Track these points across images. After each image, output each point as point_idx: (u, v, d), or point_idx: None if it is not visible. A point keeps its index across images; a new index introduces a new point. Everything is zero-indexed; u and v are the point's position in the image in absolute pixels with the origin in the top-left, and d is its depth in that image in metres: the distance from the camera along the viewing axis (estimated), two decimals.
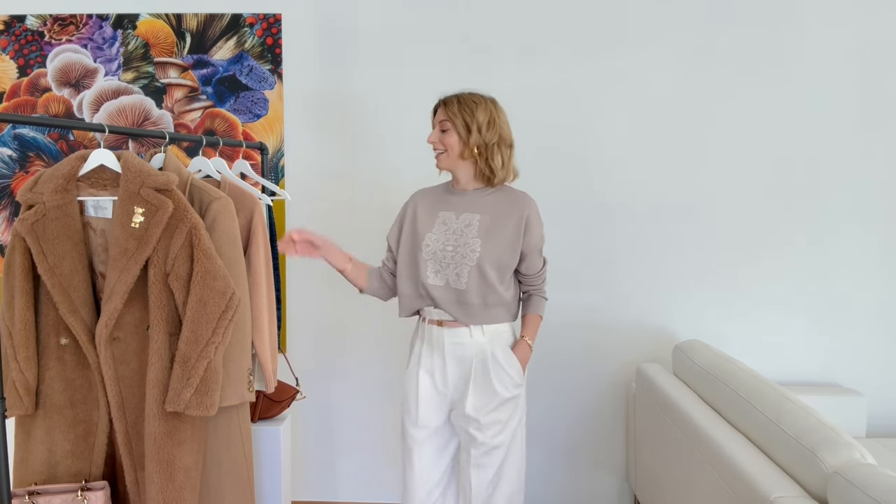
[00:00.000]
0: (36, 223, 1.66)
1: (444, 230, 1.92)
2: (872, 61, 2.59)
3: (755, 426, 1.74)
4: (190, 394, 1.66)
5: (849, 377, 2.69)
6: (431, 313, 1.94)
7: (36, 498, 1.66)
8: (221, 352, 1.71)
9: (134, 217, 1.66)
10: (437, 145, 1.92)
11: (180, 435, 1.70)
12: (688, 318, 2.72)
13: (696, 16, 2.61)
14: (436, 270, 1.91)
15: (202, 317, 1.68)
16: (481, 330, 1.91)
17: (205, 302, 1.68)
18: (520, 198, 1.95)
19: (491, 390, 1.89)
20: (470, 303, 1.89)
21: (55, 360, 1.72)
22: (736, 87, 2.62)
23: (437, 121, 1.93)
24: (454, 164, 1.92)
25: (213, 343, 1.69)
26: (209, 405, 1.68)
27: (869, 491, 1.26)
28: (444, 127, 1.90)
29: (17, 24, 2.75)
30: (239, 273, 1.79)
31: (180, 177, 1.77)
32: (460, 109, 1.88)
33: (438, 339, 1.94)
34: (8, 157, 2.78)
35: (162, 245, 1.68)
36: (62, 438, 1.73)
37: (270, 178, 2.61)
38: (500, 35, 2.67)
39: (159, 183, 1.68)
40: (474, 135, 1.87)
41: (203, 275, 1.68)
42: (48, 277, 1.66)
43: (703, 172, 2.66)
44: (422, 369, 1.96)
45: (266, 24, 2.70)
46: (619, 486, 2.82)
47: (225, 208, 1.77)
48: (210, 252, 1.70)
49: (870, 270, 2.66)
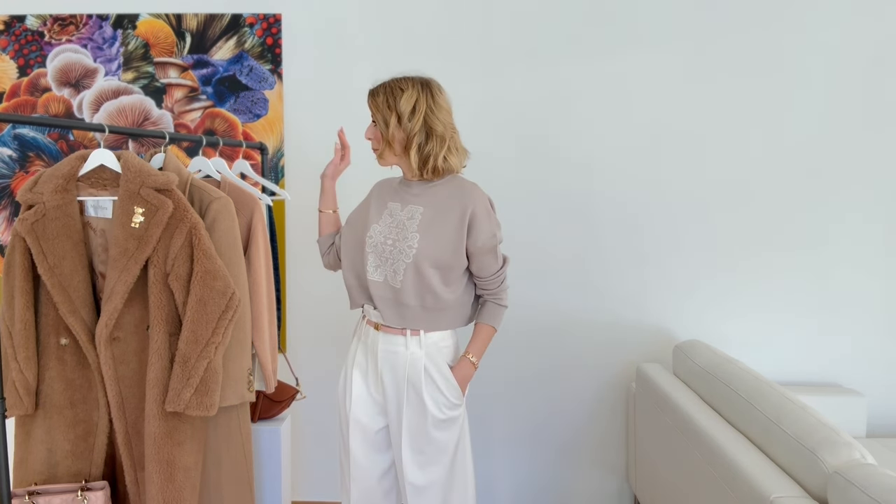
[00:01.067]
0: (36, 223, 1.65)
1: (389, 222, 1.80)
2: (872, 61, 2.58)
3: (755, 426, 1.74)
4: (190, 394, 1.66)
5: (849, 377, 2.69)
6: (370, 313, 1.84)
7: (36, 498, 1.66)
8: (221, 352, 1.71)
9: (134, 217, 1.66)
10: (372, 142, 1.82)
11: (180, 435, 1.70)
12: (688, 318, 2.72)
13: (697, 18, 2.61)
14: (376, 265, 1.79)
15: (202, 317, 1.68)
16: (418, 341, 1.77)
17: (205, 302, 1.68)
18: (467, 190, 1.76)
19: (422, 409, 1.76)
20: (406, 304, 1.75)
21: (55, 360, 1.72)
22: (734, 89, 2.62)
23: (370, 115, 1.82)
24: (388, 158, 1.80)
25: (214, 343, 1.68)
26: (209, 405, 1.68)
27: (869, 491, 1.26)
28: (374, 119, 1.79)
29: (17, 24, 2.75)
30: (239, 273, 1.79)
31: (180, 177, 1.77)
32: (384, 100, 1.76)
33: (373, 343, 1.83)
34: (8, 157, 2.78)
35: (162, 245, 1.68)
36: (62, 438, 1.73)
37: (270, 178, 2.61)
38: (502, 36, 2.66)
39: (159, 183, 1.68)
40: (392, 127, 1.73)
41: (203, 275, 1.68)
42: (48, 277, 1.66)
43: (703, 172, 2.66)
44: (356, 369, 1.87)
45: (266, 24, 2.70)
46: (619, 486, 2.82)
47: (225, 208, 1.77)
48: (210, 252, 1.70)
49: (870, 270, 2.66)
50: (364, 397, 1.86)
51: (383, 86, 1.78)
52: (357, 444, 1.86)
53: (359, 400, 1.86)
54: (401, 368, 1.78)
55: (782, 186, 2.64)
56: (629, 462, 2.68)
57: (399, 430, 1.80)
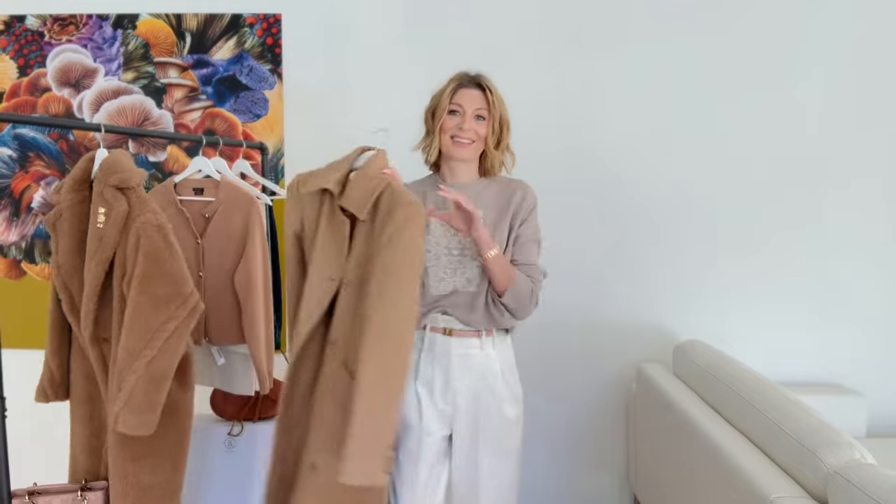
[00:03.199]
0: (56, 221, 1.69)
1: (443, 231, 1.77)
2: (873, 61, 2.58)
3: (755, 426, 1.74)
4: (119, 408, 1.54)
5: (849, 377, 2.69)
6: (438, 320, 1.78)
7: (36, 498, 1.66)
8: (161, 366, 1.55)
9: (99, 217, 1.61)
10: (470, 133, 1.75)
11: (134, 450, 1.60)
12: (688, 318, 2.72)
13: (696, 15, 2.61)
14: (440, 278, 1.76)
15: (135, 325, 1.54)
16: (492, 341, 1.78)
17: (139, 309, 1.55)
18: (514, 182, 1.84)
19: (498, 410, 1.76)
20: (479, 306, 1.75)
21: (77, 354, 1.76)
22: (735, 87, 2.61)
23: (473, 107, 1.75)
24: (475, 156, 1.81)
25: (146, 356, 1.53)
26: (136, 425, 1.53)
27: (869, 491, 1.26)
28: (480, 114, 1.75)
29: (17, 24, 2.75)
30: (403, 298, 1.47)
31: (380, 180, 1.56)
32: (499, 103, 1.77)
33: (444, 349, 1.77)
34: (8, 157, 2.78)
35: (121, 246, 1.61)
36: (80, 433, 1.78)
37: (270, 178, 2.61)
38: (503, 35, 2.66)
39: (119, 181, 1.60)
40: (505, 132, 1.79)
41: (140, 279, 1.55)
42: (55, 274, 1.69)
43: (702, 172, 2.66)
44: (419, 382, 1.79)
45: (266, 24, 2.70)
46: (619, 486, 2.82)
47: (413, 219, 1.48)
48: (154, 254, 1.57)
49: (871, 270, 2.65)
50: (430, 408, 1.79)
51: (487, 78, 1.79)
52: (430, 453, 1.79)
53: (427, 411, 1.79)
54: (476, 370, 1.76)
55: (783, 186, 2.64)
56: (629, 462, 2.68)
57: (472, 434, 1.77)
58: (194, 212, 2.03)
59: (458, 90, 1.77)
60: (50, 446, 2.23)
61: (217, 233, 2.01)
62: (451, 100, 1.77)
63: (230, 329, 2.04)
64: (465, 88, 1.77)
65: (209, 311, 2.05)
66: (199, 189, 2.04)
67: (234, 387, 2.14)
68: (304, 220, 1.62)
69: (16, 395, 1.88)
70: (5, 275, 2.80)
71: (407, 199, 1.52)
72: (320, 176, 1.61)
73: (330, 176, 1.59)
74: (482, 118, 1.76)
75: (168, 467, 1.66)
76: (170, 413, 1.64)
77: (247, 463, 2.19)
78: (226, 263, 2.01)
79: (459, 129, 1.74)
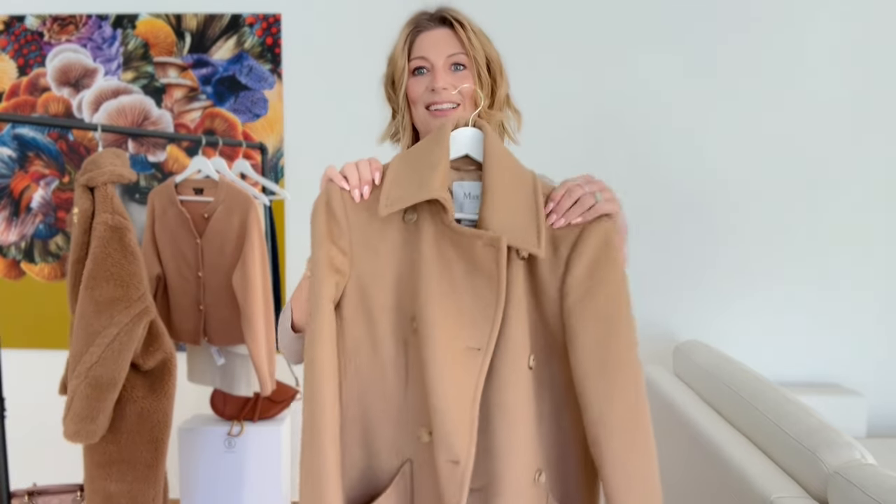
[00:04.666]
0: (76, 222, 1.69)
1: None
2: (873, 61, 2.58)
3: (756, 427, 1.74)
4: (65, 414, 1.49)
5: (849, 377, 2.69)
6: None
7: (35, 498, 1.66)
8: (103, 373, 1.47)
9: (74, 217, 1.57)
10: (450, 94, 1.15)
11: (100, 455, 1.55)
12: (688, 319, 2.72)
13: (696, 18, 2.61)
14: None
15: (79, 329, 1.48)
16: None
17: (82, 313, 1.48)
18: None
19: None
20: None
21: None
22: (736, 86, 2.61)
23: (444, 55, 1.17)
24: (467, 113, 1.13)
25: (86, 362, 1.46)
26: (77, 433, 1.47)
27: (869, 491, 1.26)
28: (457, 61, 1.17)
29: (16, 23, 2.74)
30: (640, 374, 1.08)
31: (528, 177, 1.04)
32: (482, 33, 1.20)
33: None
34: (7, 157, 2.77)
35: (88, 247, 1.55)
36: None
37: (270, 178, 2.61)
38: (504, 35, 2.66)
39: (85, 180, 1.54)
40: (499, 78, 1.21)
41: (87, 280, 1.48)
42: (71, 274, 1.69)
43: (702, 171, 2.66)
44: None
45: (266, 24, 2.70)
46: None
47: (613, 241, 1.03)
48: (100, 256, 1.49)
49: (871, 270, 2.65)
50: None
51: (455, 9, 1.21)
52: None
53: None
54: None
55: (783, 186, 2.64)
56: None
57: None
58: (194, 212, 2.03)
59: (415, 37, 1.22)
60: (50, 446, 2.23)
61: (216, 233, 2.01)
62: (409, 53, 1.22)
63: (230, 329, 2.04)
64: (426, 31, 1.21)
65: (209, 311, 2.05)
66: (199, 189, 2.04)
67: (233, 387, 2.14)
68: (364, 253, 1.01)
69: (16, 395, 1.88)
70: (5, 275, 2.80)
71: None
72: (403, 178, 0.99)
73: (428, 178, 0.96)
74: (461, 66, 1.18)
75: (137, 476, 1.58)
76: (139, 420, 1.57)
77: (246, 463, 2.19)
78: (224, 263, 2.01)
79: (432, 91, 1.17)
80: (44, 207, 2.78)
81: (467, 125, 1.03)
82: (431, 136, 1.02)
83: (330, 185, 1.03)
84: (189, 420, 2.29)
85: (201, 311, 2.04)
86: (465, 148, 1.03)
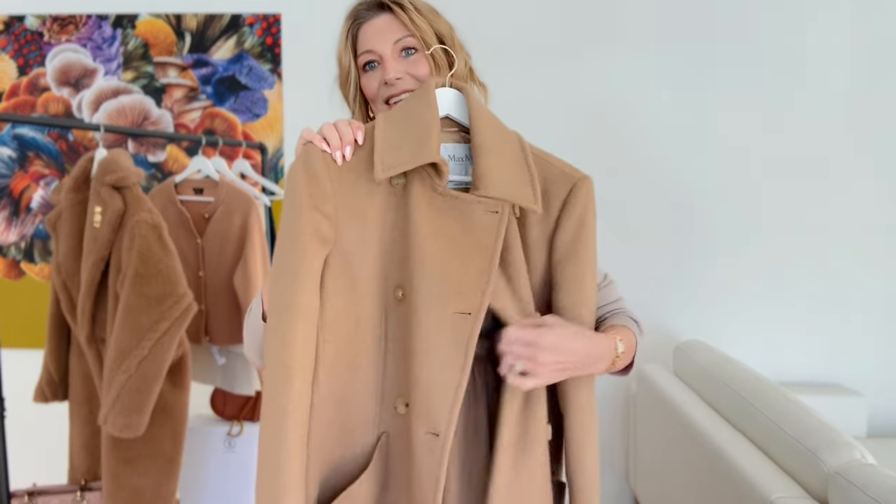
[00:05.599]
0: (57, 222, 1.69)
1: None
2: (873, 61, 2.58)
3: (756, 427, 1.74)
4: (107, 409, 1.53)
5: (850, 377, 2.69)
6: None
7: (35, 498, 1.66)
8: (152, 367, 1.53)
9: (95, 216, 1.61)
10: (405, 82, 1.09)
11: (127, 451, 1.59)
12: (688, 318, 2.72)
13: (694, 19, 2.61)
14: None
15: (125, 324, 1.53)
16: None
17: (130, 309, 1.53)
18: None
19: None
20: None
21: (76, 356, 1.76)
22: (734, 87, 2.61)
23: (390, 42, 1.09)
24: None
25: (137, 356, 1.52)
26: (128, 426, 1.51)
27: (870, 491, 1.26)
28: (406, 45, 1.10)
29: (16, 23, 2.74)
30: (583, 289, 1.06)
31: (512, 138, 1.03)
32: (426, 14, 1.11)
33: None
34: (7, 157, 2.77)
35: (116, 246, 1.61)
36: (77, 434, 1.78)
37: (270, 178, 2.61)
38: (505, 31, 2.66)
39: (115, 180, 1.59)
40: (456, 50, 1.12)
41: (133, 278, 1.53)
42: (55, 274, 1.69)
43: (701, 171, 2.66)
44: None
45: (266, 24, 2.70)
46: (619, 486, 2.81)
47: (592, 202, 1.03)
48: (147, 254, 1.55)
49: (871, 270, 2.65)
50: None
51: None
52: None
53: None
54: None
55: (783, 186, 2.64)
56: (629, 462, 2.68)
57: None
58: (194, 212, 2.03)
59: (357, 30, 1.15)
60: (49, 446, 2.23)
61: (216, 233, 2.02)
62: (355, 50, 1.15)
63: (231, 329, 2.04)
64: (367, 22, 1.13)
65: (210, 311, 2.05)
66: (199, 189, 2.04)
67: (234, 387, 2.14)
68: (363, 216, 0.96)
69: (16, 395, 1.88)
70: (4, 275, 2.80)
71: (578, 172, 1.04)
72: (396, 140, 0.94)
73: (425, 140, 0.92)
74: (412, 50, 1.10)
75: (161, 470, 1.63)
76: (163, 414, 1.62)
77: (246, 463, 2.19)
78: (225, 263, 2.01)
79: (386, 83, 1.10)
80: (44, 207, 2.77)
81: (444, 86, 1.00)
82: (415, 95, 0.99)
83: (308, 146, 0.95)
84: (189, 420, 2.29)
85: (202, 310, 2.04)
86: (446, 109, 1.00)
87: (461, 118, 1.00)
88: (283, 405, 0.88)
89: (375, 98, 1.13)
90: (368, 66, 1.13)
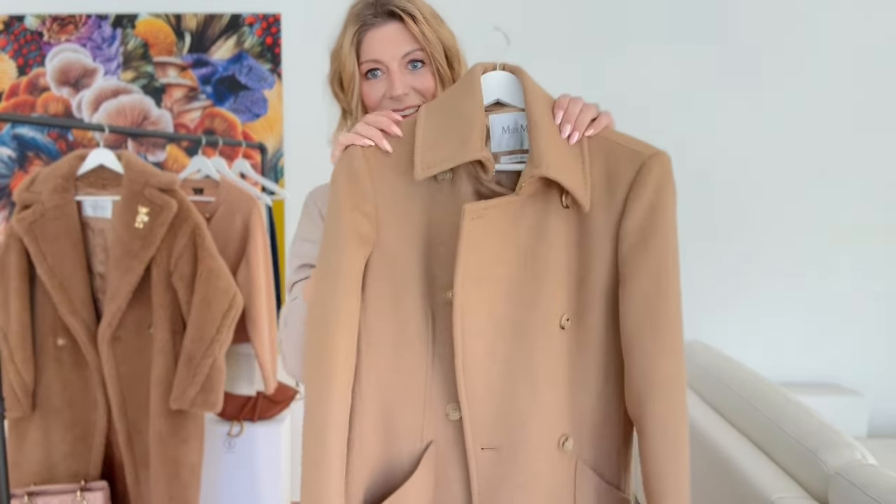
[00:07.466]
0: (34, 223, 1.65)
1: None
2: (872, 62, 2.58)
3: (756, 427, 1.74)
4: (195, 391, 1.70)
5: (850, 377, 2.69)
6: None
7: (35, 498, 1.66)
8: (224, 349, 1.75)
9: (138, 217, 1.67)
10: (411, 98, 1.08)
11: (185, 433, 1.74)
12: (688, 319, 2.69)
13: (698, 16, 2.61)
14: None
15: (207, 315, 1.71)
16: None
17: (209, 301, 1.71)
18: None
19: None
20: None
21: (53, 361, 1.73)
22: (736, 86, 2.61)
23: (399, 54, 1.07)
24: None
25: (218, 341, 1.72)
26: (214, 402, 1.72)
27: (870, 492, 1.26)
28: (414, 58, 1.07)
29: (16, 23, 2.74)
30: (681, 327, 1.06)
31: None
32: (434, 26, 1.08)
33: None
34: (7, 157, 2.77)
35: (165, 245, 1.70)
36: (60, 440, 1.74)
37: (270, 178, 2.61)
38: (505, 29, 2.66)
39: (163, 183, 1.71)
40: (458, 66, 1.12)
41: (208, 274, 1.71)
42: (48, 278, 1.65)
43: (701, 170, 2.65)
44: None
45: (266, 24, 2.70)
46: None
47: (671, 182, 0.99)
48: (213, 252, 1.73)
49: (871, 271, 2.65)
50: None
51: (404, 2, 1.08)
52: None
53: None
54: None
55: (783, 186, 2.64)
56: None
57: None
58: None
59: (363, 35, 1.10)
60: None
61: (217, 232, 2.01)
62: (359, 56, 1.11)
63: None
64: (374, 29, 1.09)
65: None
66: (199, 189, 2.04)
67: (235, 386, 2.14)
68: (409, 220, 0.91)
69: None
70: None
71: (649, 149, 0.98)
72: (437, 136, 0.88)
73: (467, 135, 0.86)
74: (419, 63, 1.08)
75: (202, 447, 1.80)
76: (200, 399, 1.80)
77: (246, 463, 2.19)
78: (227, 263, 2.01)
79: (391, 98, 1.08)
80: None
81: (494, 69, 0.93)
82: (459, 85, 0.93)
83: (350, 149, 0.92)
84: None
85: None
86: (497, 93, 0.93)
87: (515, 102, 0.93)
88: (324, 412, 0.87)
89: (377, 108, 1.11)
90: (371, 74, 1.11)
